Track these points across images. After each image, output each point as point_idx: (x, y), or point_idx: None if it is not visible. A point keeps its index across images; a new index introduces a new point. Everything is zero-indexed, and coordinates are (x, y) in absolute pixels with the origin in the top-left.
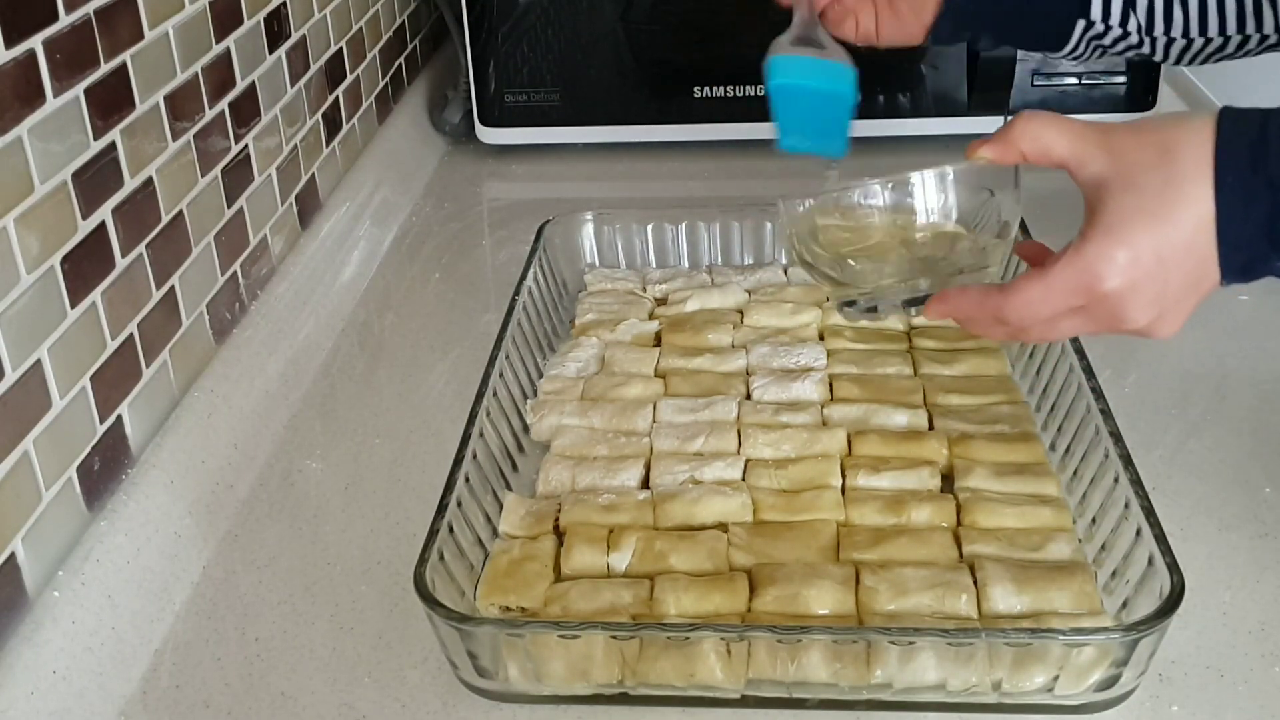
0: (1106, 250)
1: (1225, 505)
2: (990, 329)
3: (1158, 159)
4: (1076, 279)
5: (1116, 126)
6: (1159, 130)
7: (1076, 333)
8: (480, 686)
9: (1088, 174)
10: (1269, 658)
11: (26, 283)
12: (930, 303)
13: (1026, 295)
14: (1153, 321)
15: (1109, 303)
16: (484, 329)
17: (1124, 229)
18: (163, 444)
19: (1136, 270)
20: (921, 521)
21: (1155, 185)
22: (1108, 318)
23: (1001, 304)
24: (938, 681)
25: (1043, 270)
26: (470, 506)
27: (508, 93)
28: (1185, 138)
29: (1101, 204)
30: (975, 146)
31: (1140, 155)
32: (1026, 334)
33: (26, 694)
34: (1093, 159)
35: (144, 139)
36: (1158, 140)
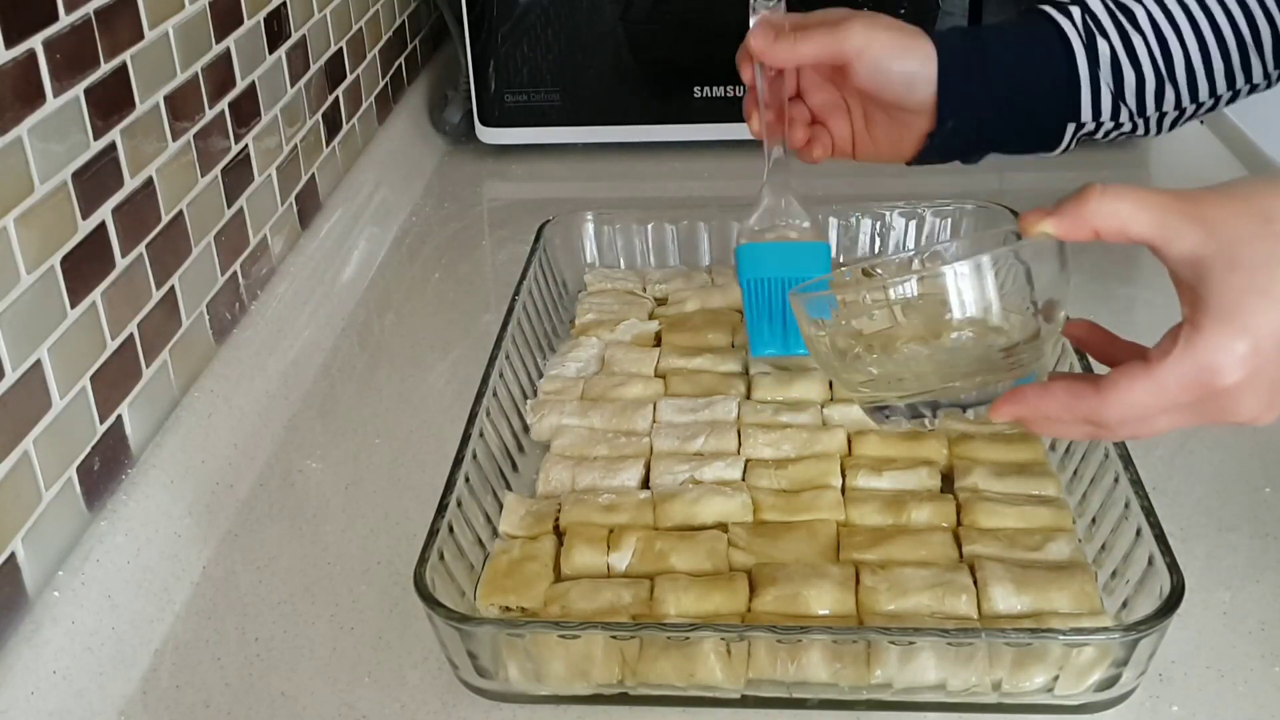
0: (1225, 341)
1: (1225, 505)
2: (1073, 430)
3: (1259, 230)
4: (1194, 375)
5: (1201, 195)
6: (1253, 197)
7: (1173, 428)
8: (480, 686)
9: (1178, 251)
10: (1269, 658)
11: (26, 282)
12: (1000, 404)
13: (1131, 396)
14: (1262, 410)
15: (1225, 397)
16: (484, 329)
17: (1241, 315)
18: (163, 444)
19: (1257, 360)
20: (921, 521)
21: (1262, 260)
22: (1216, 412)
23: (1098, 407)
24: (938, 681)
25: (1148, 366)
26: (470, 506)
27: (508, 93)
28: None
29: (1205, 285)
30: (1034, 219)
31: (1239, 227)
32: (1115, 434)
33: (26, 694)
34: (1182, 234)
35: (144, 139)
36: (1256, 210)
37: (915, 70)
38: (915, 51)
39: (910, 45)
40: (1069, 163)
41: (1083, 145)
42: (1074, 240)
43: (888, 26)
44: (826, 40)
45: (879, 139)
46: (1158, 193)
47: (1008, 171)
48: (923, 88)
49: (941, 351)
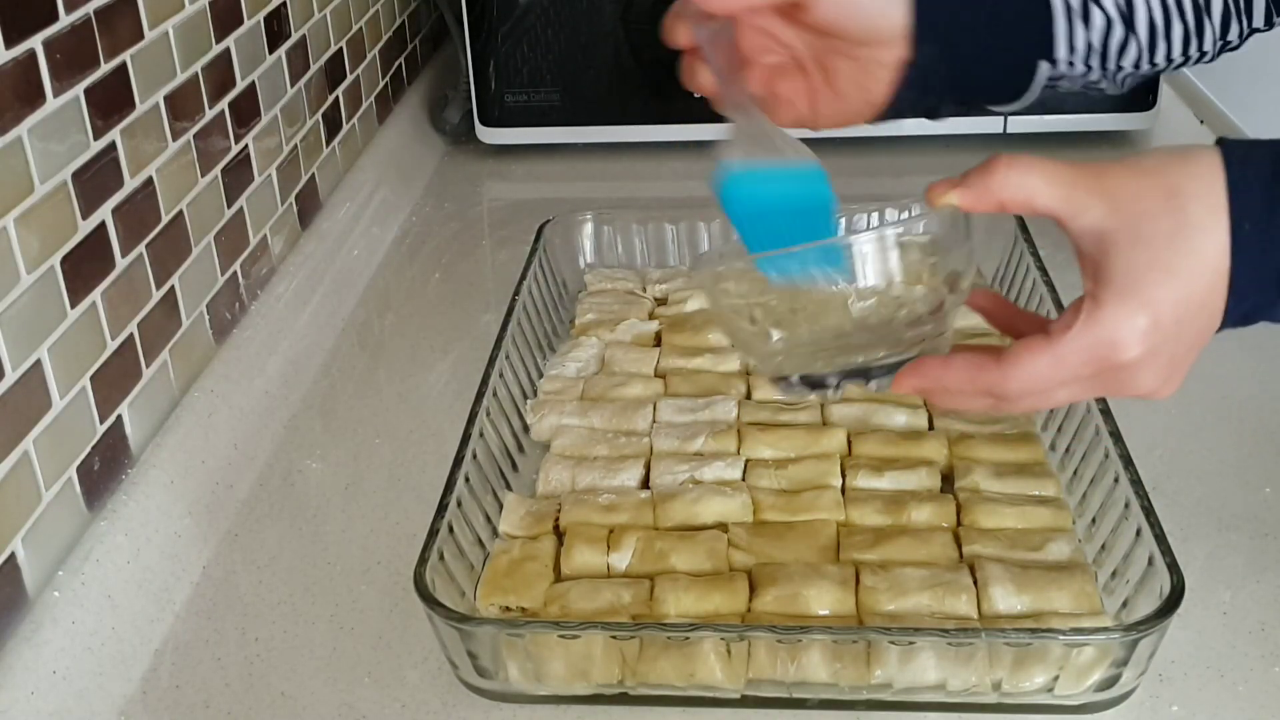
0: (1126, 316)
1: (1225, 505)
2: (973, 401)
3: (1164, 205)
4: (1094, 349)
5: (1108, 169)
6: (1160, 173)
7: (1072, 400)
8: (480, 686)
9: (1083, 224)
10: (1269, 658)
11: (26, 282)
12: (902, 376)
13: (1032, 368)
14: (1161, 384)
15: (1124, 370)
16: (484, 329)
17: (1142, 289)
18: (163, 444)
19: (1157, 334)
20: (921, 521)
21: (1165, 236)
22: (1115, 385)
23: (999, 378)
24: (938, 681)
25: (1049, 338)
26: (470, 506)
27: (508, 93)
28: (1192, 181)
29: (1108, 259)
30: (940, 190)
31: (1144, 203)
32: (1015, 405)
33: (27, 694)
34: (1087, 208)
35: (144, 139)
36: (1162, 185)
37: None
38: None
39: None
40: None
41: (1078, 144)
42: (980, 210)
43: None
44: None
45: (844, 90)
46: (1065, 165)
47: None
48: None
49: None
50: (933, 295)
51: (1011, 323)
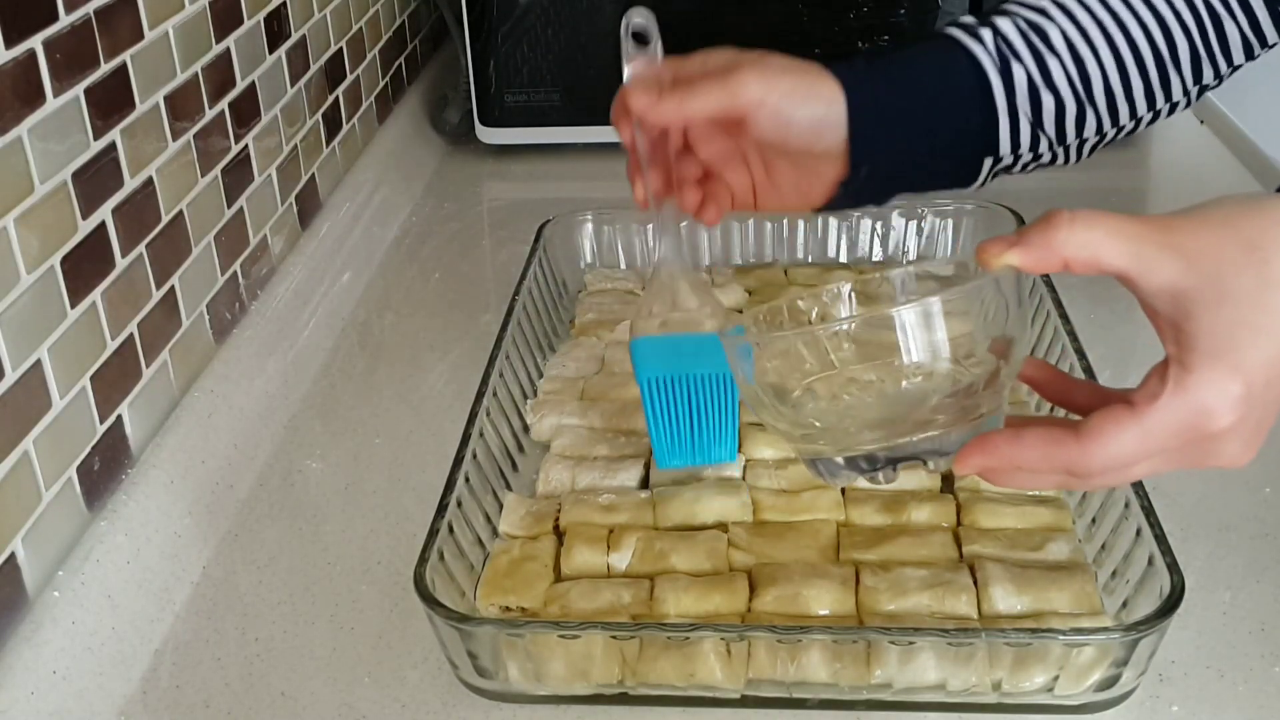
0: (1219, 382)
1: (1225, 505)
2: (1048, 479)
3: (1245, 260)
4: (1186, 420)
5: (1177, 223)
6: (1234, 225)
7: (1151, 475)
8: (480, 686)
9: (1157, 283)
10: (1269, 658)
11: (26, 282)
12: (969, 454)
13: (1119, 444)
14: (1243, 451)
15: (1213, 442)
16: (484, 329)
17: (1233, 352)
18: (163, 444)
19: (1250, 400)
20: (921, 521)
21: (1249, 292)
22: (1198, 455)
23: (1080, 455)
24: (938, 681)
25: (1135, 411)
26: (470, 506)
27: (508, 93)
28: (1270, 231)
29: (1192, 321)
30: (997, 250)
31: (1222, 257)
32: (1094, 483)
33: (27, 694)
34: (1160, 266)
35: (144, 139)
36: (1238, 238)
37: (822, 115)
38: (820, 94)
39: (813, 88)
40: None
41: None
42: (1042, 273)
43: (784, 69)
44: (718, 93)
45: (783, 188)
46: (1131, 220)
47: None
48: (831, 133)
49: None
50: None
51: (1068, 394)
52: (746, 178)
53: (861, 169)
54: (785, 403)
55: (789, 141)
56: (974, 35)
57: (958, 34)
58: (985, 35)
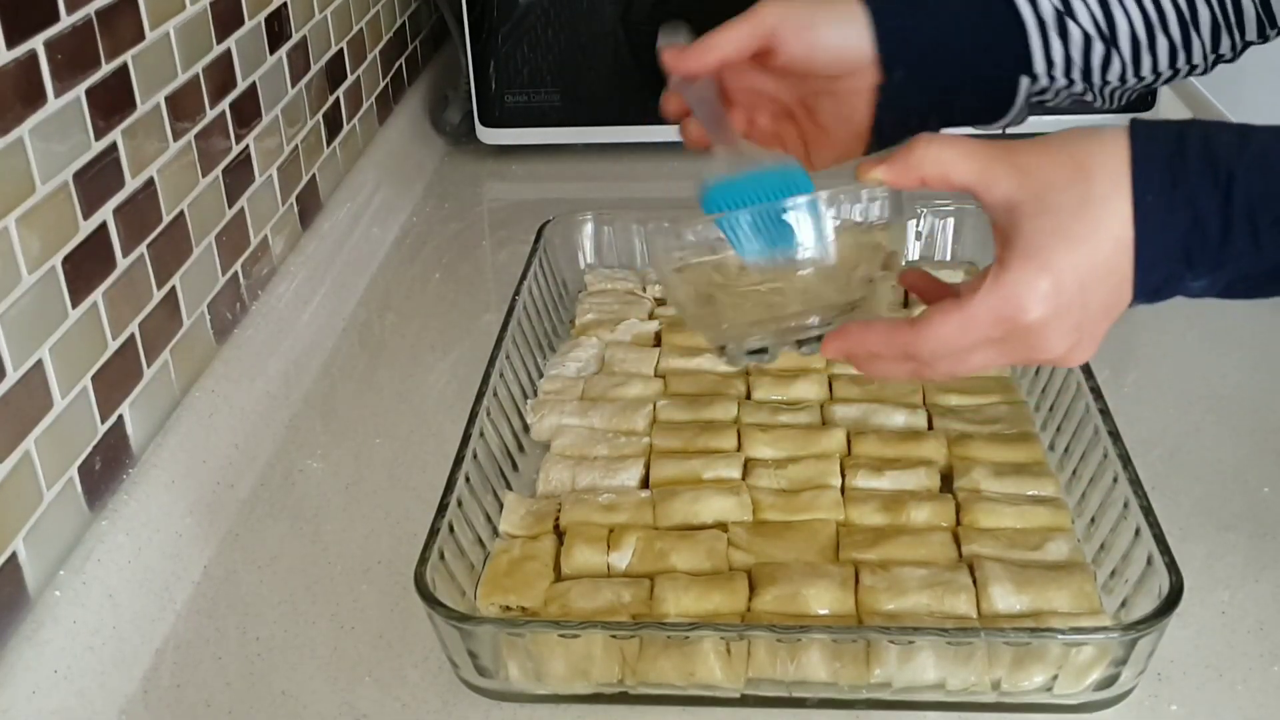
0: (1029, 278)
1: (1225, 505)
2: (894, 366)
3: (1071, 177)
4: (999, 309)
5: (1022, 145)
6: (1069, 148)
7: (987, 366)
8: (481, 686)
9: (996, 196)
10: (1267, 657)
11: (28, 283)
12: (828, 340)
13: (943, 329)
14: (1070, 349)
15: (1030, 333)
16: (484, 329)
17: (1044, 254)
18: (164, 444)
19: (1060, 298)
20: (921, 521)
21: (1071, 205)
22: (1025, 349)
23: (913, 339)
24: (937, 681)
25: (959, 301)
26: (470, 506)
27: (508, 93)
28: (1099, 154)
29: (1015, 228)
30: (868, 167)
31: (1052, 174)
32: (933, 370)
33: (28, 693)
34: (999, 180)
35: (145, 139)
36: (1070, 158)
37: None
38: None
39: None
40: None
41: None
42: (903, 187)
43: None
44: (740, 25)
45: (829, 126)
46: (981, 142)
47: None
48: (856, 40)
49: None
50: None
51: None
52: (794, 131)
53: (895, 72)
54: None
55: (817, 56)
56: None
57: None
58: None
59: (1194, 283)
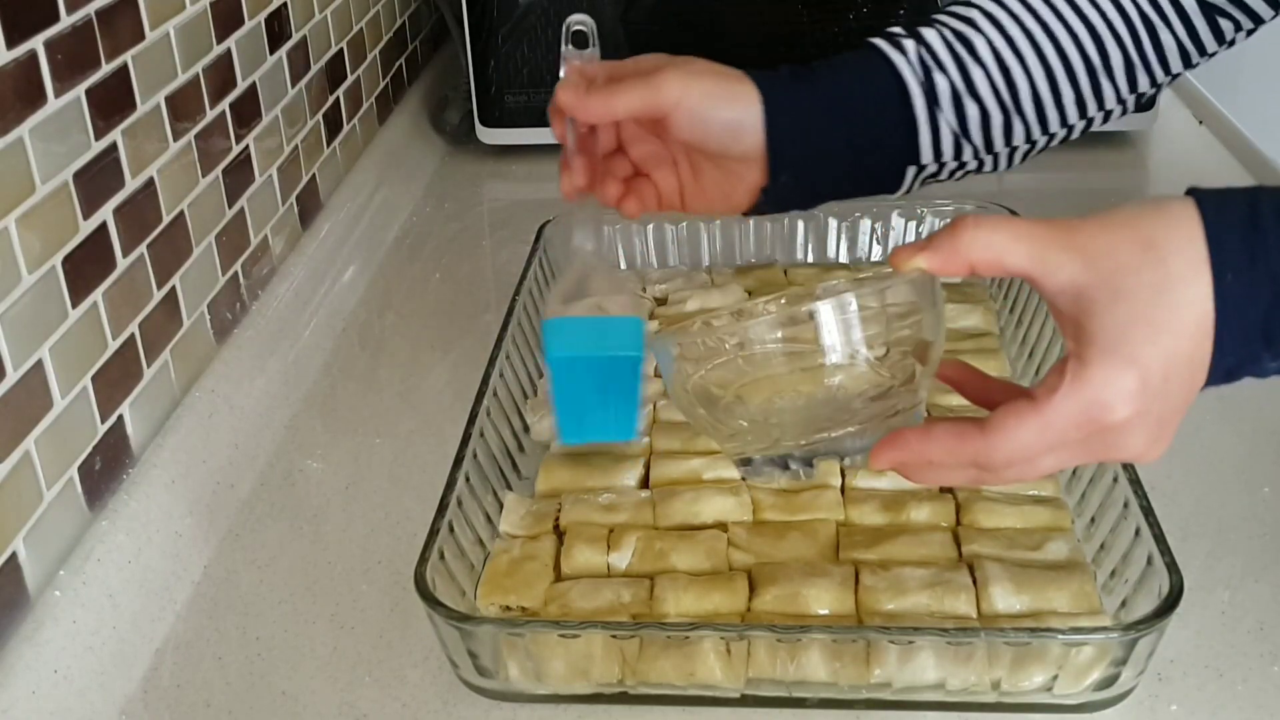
0: (1114, 376)
1: (1225, 505)
2: (956, 474)
3: (1142, 259)
4: (1083, 412)
5: (1078, 224)
6: (1134, 225)
7: (1059, 468)
8: (480, 686)
9: (1059, 282)
10: (1267, 657)
11: (28, 283)
12: (881, 449)
13: (1020, 436)
14: (1149, 445)
15: (1114, 433)
16: (484, 329)
17: (1127, 346)
18: (164, 444)
19: (1146, 394)
20: (921, 521)
21: (1149, 290)
22: (1102, 448)
23: (985, 449)
24: (937, 681)
25: (1035, 404)
26: (470, 506)
27: (508, 93)
28: (1170, 231)
29: (1089, 318)
30: (907, 255)
31: (1121, 257)
32: (1001, 477)
33: (28, 693)
34: (1061, 265)
35: (145, 139)
36: (1137, 237)
37: (738, 117)
38: (737, 98)
39: (731, 91)
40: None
41: (1078, 145)
42: (948, 275)
43: (705, 72)
44: (641, 92)
45: (709, 190)
46: (1033, 223)
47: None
48: (748, 136)
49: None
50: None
51: (986, 393)
52: (674, 179)
53: (780, 175)
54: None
55: (707, 142)
56: (897, 45)
57: (881, 43)
58: (908, 45)
59: (1272, 363)
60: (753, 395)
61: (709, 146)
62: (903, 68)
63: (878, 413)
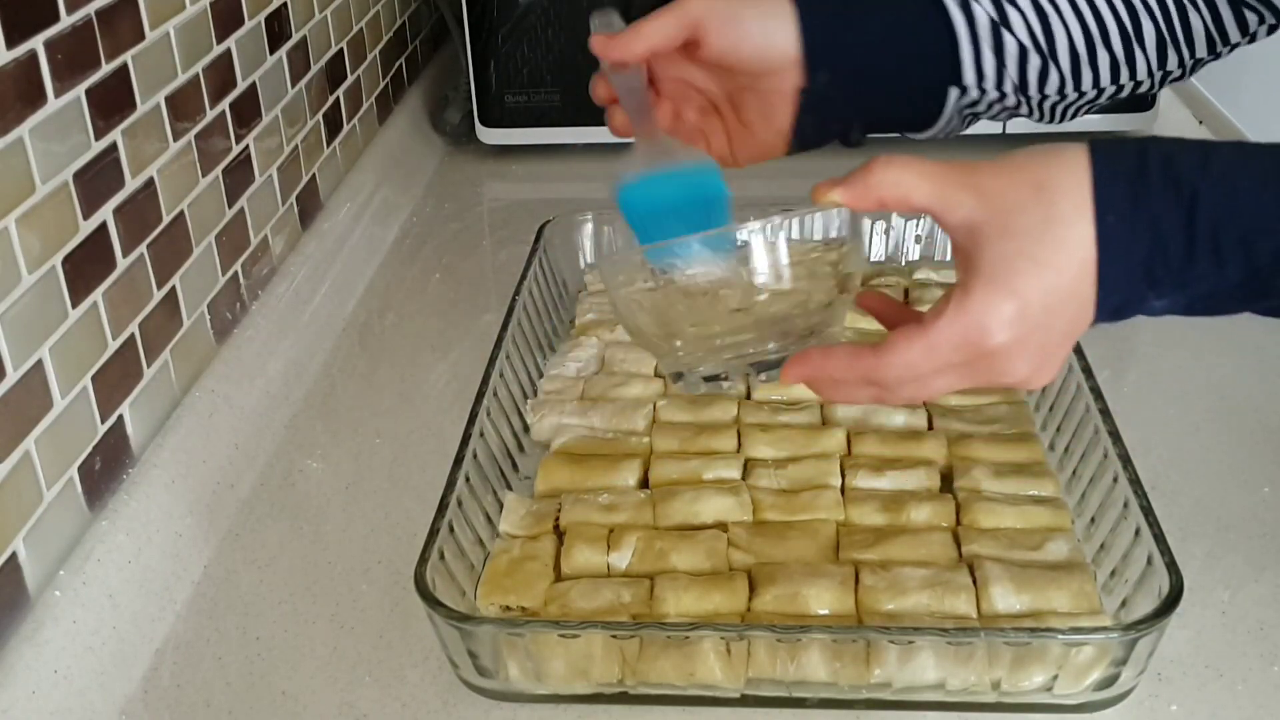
0: (994, 302)
1: (1224, 505)
2: (856, 391)
3: (1033, 199)
4: (963, 335)
5: (982, 166)
6: (1030, 168)
7: (949, 390)
8: (480, 686)
9: (956, 218)
10: (1267, 657)
11: (28, 283)
12: (788, 366)
13: (907, 355)
14: (1033, 372)
15: (994, 357)
16: (484, 329)
17: (1009, 277)
18: (164, 444)
19: (1025, 323)
20: (921, 521)
21: (1034, 228)
22: (988, 372)
23: (876, 365)
24: (937, 681)
25: (922, 327)
26: (470, 506)
27: (508, 93)
28: (1060, 175)
29: (978, 250)
30: (824, 189)
31: (1013, 196)
32: (895, 395)
33: (28, 693)
34: (960, 203)
35: (145, 139)
36: (1031, 179)
37: (768, 17)
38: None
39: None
40: None
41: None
42: (861, 209)
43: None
44: (666, 18)
45: (752, 123)
46: (939, 164)
47: None
48: (781, 38)
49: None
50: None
51: (897, 319)
52: (720, 129)
53: (819, 75)
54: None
55: (741, 49)
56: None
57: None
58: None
59: (1156, 302)
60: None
61: (742, 59)
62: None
63: (797, 334)
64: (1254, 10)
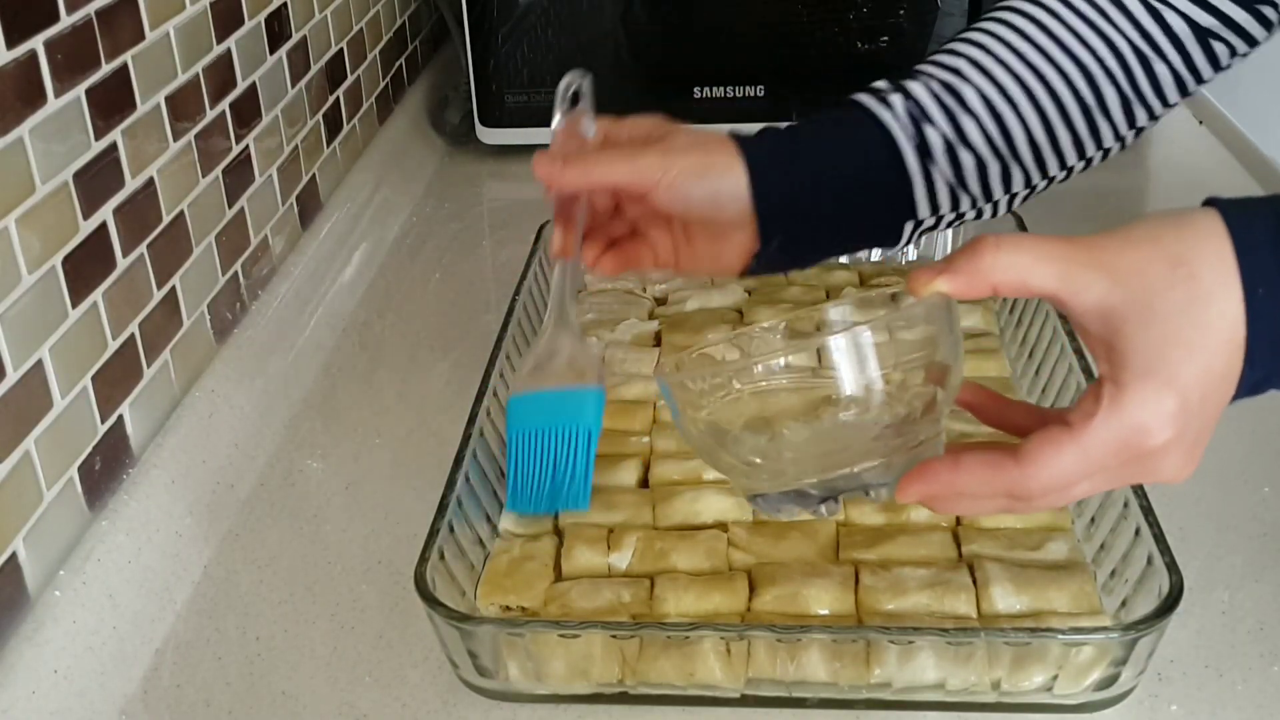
0: (1153, 398)
1: (1225, 505)
2: (989, 504)
3: (1172, 275)
4: (1122, 437)
5: (1103, 242)
6: (1160, 241)
7: (1092, 494)
8: (480, 686)
9: (1087, 303)
10: (1267, 657)
11: (28, 283)
12: (909, 482)
13: (1057, 463)
14: (1183, 466)
15: (1152, 457)
16: (484, 329)
17: (1164, 368)
18: (164, 444)
19: (1185, 416)
20: (921, 521)
21: (1180, 309)
22: (1139, 473)
23: (1020, 478)
24: (937, 681)
25: (1071, 430)
26: (470, 506)
27: (508, 93)
28: (1197, 247)
29: (1121, 339)
30: (925, 278)
31: (1150, 275)
32: (1034, 506)
33: (28, 693)
34: (1088, 285)
35: (145, 139)
36: (1166, 254)
37: (719, 189)
38: (718, 171)
39: (712, 165)
40: None
41: None
42: (970, 298)
43: (688, 148)
44: (620, 167)
45: (700, 254)
46: (1057, 241)
47: None
48: (732, 205)
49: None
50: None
51: (1003, 416)
52: (669, 239)
53: (772, 241)
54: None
55: (690, 215)
56: (883, 101)
57: (866, 100)
58: (895, 100)
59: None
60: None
61: (692, 218)
62: (891, 124)
63: (899, 444)
64: (1222, 41)
